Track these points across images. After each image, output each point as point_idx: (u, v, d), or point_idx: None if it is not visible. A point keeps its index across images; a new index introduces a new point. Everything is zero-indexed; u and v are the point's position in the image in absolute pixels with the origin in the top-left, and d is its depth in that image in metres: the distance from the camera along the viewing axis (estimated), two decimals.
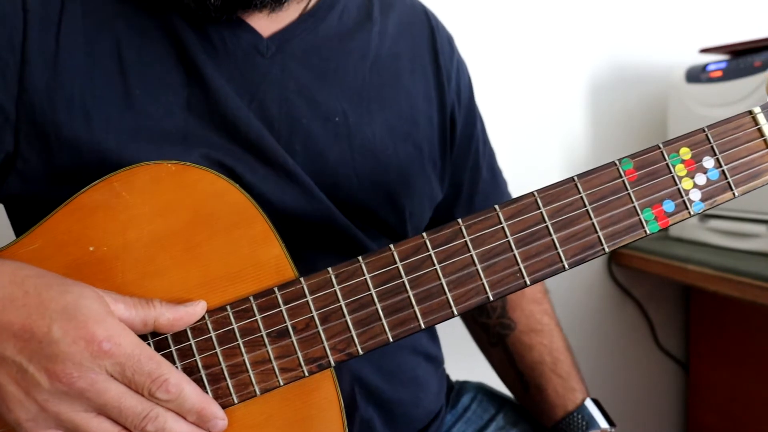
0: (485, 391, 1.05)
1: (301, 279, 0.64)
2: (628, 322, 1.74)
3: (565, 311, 1.55)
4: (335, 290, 0.63)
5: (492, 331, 1.02)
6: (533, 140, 1.61)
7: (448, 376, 1.05)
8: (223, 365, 0.63)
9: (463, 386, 1.05)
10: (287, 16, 0.83)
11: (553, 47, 1.62)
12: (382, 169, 0.83)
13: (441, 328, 1.01)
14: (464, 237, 0.64)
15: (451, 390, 1.04)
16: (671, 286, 1.75)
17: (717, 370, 1.69)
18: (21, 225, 0.79)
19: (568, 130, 1.66)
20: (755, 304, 1.27)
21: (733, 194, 0.65)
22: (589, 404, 0.95)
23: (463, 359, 1.13)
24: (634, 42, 1.68)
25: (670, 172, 0.65)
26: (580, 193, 0.64)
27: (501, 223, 0.64)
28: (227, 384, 0.63)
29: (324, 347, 0.63)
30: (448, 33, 0.99)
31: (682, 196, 0.65)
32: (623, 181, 0.65)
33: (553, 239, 0.64)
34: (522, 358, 0.99)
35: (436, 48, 0.93)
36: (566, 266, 0.64)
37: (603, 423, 0.93)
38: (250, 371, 0.63)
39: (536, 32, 1.61)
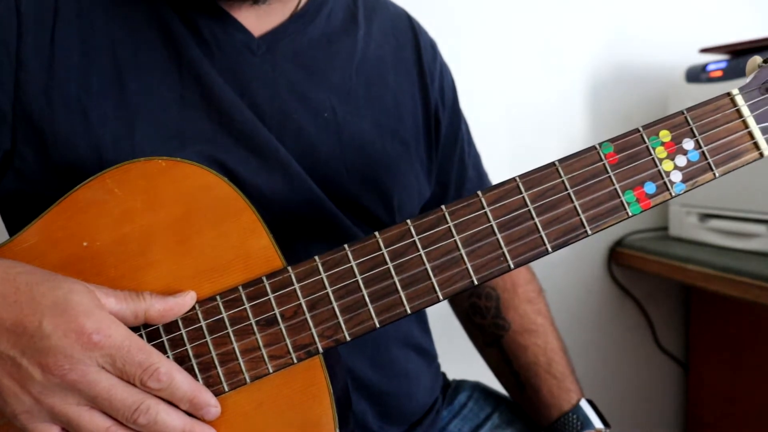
0: (482, 390, 1.05)
1: (289, 268, 0.64)
2: (628, 322, 1.73)
3: (565, 311, 1.56)
4: (322, 278, 0.64)
5: (487, 331, 1.02)
6: (533, 140, 1.62)
7: (444, 375, 1.05)
8: (214, 354, 0.64)
9: (460, 384, 1.05)
10: (277, 16, 0.84)
11: (554, 47, 1.63)
12: (371, 163, 0.85)
13: (438, 329, 1.01)
14: (448, 223, 0.64)
15: (447, 387, 1.04)
16: (671, 286, 1.74)
17: (717, 370, 1.68)
18: (15, 224, 0.80)
19: (568, 130, 1.66)
20: (755, 304, 1.27)
21: (714, 175, 0.65)
22: (584, 405, 0.94)
23: (461, 359, 1.13)
24: (634, 42, 1.69)
25: (651, 155, 0.65)
26: (561, 177, 0.64)
27: (484, 208, 0.64)
28: (218, 372, 0.63)
29: (312, 334, 0.63)
30: (431, 38, 1.01)
31: (663, 178, 0.65)
32: (604, 164, 0.65)
33: (535, 223, 0.64)
34: (517, 359, 0.99)
35: (419, 50, 0.96)
36: (549, 249, 0.64)
37: (598, 423, 0.93)
38: (240, 359, 0.63)
39: (537, 32, 1.62)
